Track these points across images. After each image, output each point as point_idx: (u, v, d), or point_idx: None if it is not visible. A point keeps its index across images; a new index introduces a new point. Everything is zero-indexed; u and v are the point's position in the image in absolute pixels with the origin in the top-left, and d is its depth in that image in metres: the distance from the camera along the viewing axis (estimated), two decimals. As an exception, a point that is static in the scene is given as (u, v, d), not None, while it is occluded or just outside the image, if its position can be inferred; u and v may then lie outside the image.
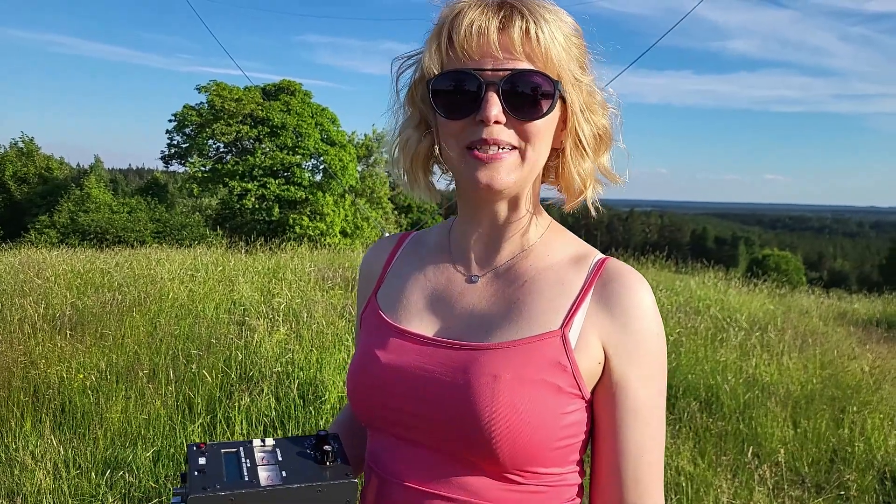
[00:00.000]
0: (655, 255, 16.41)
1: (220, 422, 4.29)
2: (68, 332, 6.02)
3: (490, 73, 0.93)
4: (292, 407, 4.55)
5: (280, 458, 0.94)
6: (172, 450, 4.05)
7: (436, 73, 0.97)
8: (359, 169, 40.67)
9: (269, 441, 0.98)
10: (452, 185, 1.11)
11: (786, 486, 4.37)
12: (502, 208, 1.04)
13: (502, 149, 0.95)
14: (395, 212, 45.80)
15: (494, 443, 0.92)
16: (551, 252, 1.07)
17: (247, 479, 0.87)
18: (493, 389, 0.93)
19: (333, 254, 16.23)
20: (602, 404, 1.00)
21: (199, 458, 0.92)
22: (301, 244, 17.43)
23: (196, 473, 0.88)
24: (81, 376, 4.94)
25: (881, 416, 5.53)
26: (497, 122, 0.94)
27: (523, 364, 0.95)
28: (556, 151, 1.04)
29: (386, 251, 1.21)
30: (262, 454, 0.95)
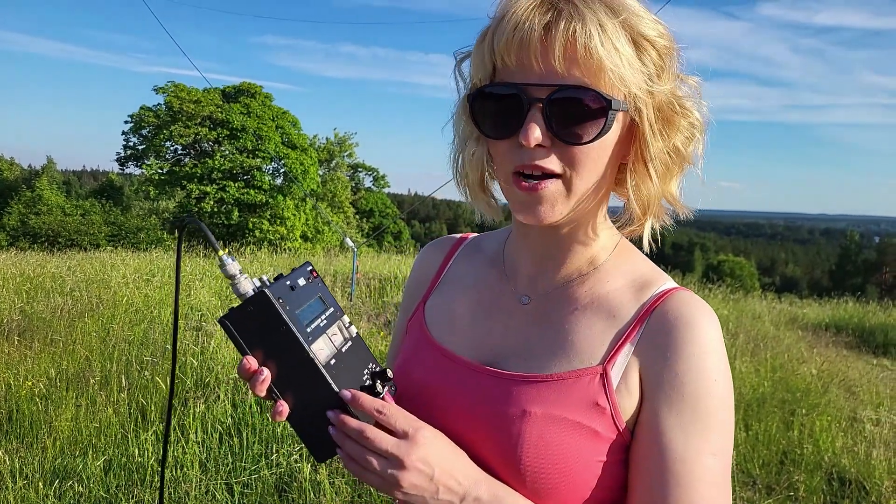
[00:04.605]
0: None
1: (175, 429, 4.21)
2: (16, 338, 5.85)
3: (534, 88, 0.80)
4: (249, 414, 4.49)
5: (343, 350, 0.90)
6: (124, 459, 3.96)
7: (479, 84, 0.86)
8: (320, 173, 40.44)
9: (353, 330, 0.95)
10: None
11: (737, 488, 4.46)
12: (556, 231, 0.93)
13: (544, 176, 0.83)
14: (357, 216, 45.62)
15: (517, 481, 0.85)
16: (613, 277, 0.94)
17: (308, 331, 0.85)
18: (521, 426, 0.85)
19: (294, 258, 16.08)
20: (633, 449, 0.86)
21: (300, 280, 0.90)
22: (261, 248, 17.24)
23: (287, 283, 0.86)
24: (30, 383, 4.81)
25: (829, 418, 5.68)
26: (540, 146, 0.81)
27: (555, 402, 0.86)
28: (625, 167, 0.89)
29: (441, 255, 1.12)
30: (337, 331, 0.92)
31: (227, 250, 0.86)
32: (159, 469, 3.85)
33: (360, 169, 48.46)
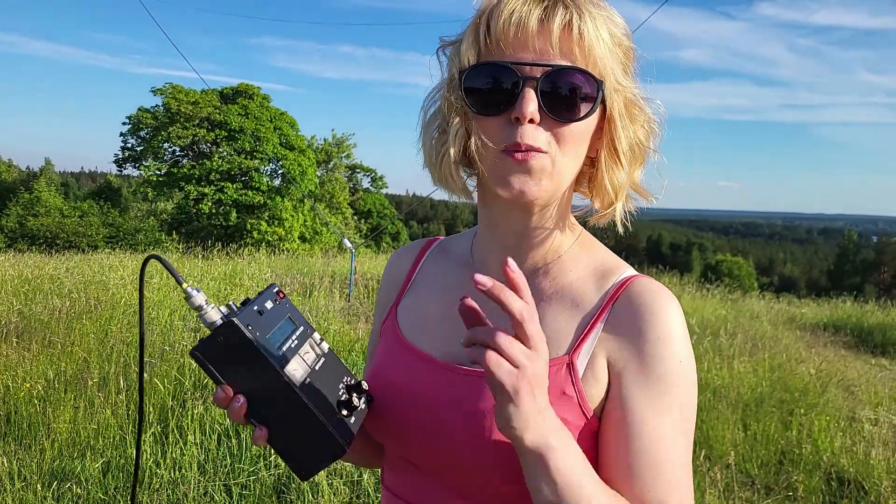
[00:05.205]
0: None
1: (173, 431, 4.21)
2: (14, 339, 5.84)
3: (528, 67, 0.85)
4: (247, 415, 4.49)
5: (316, 368, 0.90)
6: (122, 460, 3.96)
7: (471, 64, 0.89)
8: (318, 174, 40.43)
9: (325, 346, 0.95)
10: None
11: (736, 488, 4.47)
12: (527, 217, 0.95)
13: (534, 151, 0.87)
14: (355, 217, 45.63)
15: (496, 473, 0.87)
16: (575, 267, 0.98)
17: (279, 354, 0.85)
18: (492, 422, 0.87)
19: (292, 259, 16.09)
20: (602, 433, 0.88)
21: (268, 303, 0.90)
22: (259, 249, 17.25)
23: (255, 309, 0.86)
24: (28, 385, 4.80)
25: (827, 418, 5.69)
26: (532, 122, 0.85)
27: None
28: (591, 160, 0.95)
29: (410, 259, 1.15)
30: (309, 349, 0.92)
31: (191, 282, 0.86)
32: (157, 471, 3.85)
33: (357, 170, 48.48)
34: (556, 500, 0.77)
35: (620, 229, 0.97)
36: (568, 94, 0.85)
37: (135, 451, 3.85)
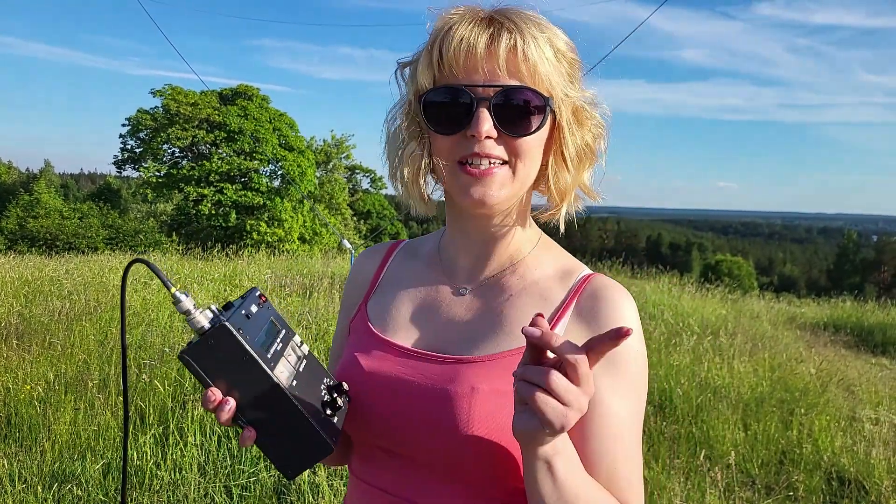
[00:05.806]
0: (612, 261, 16.65)
1: (173, 433, 4.21)
2: (15, 341, 5.84)
3: (481, 89, 0.93)
4: (248, 416, 4.48)
5: (300, 370, 0.93)
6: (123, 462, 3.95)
7: (427, 87, 0.97)
8: (317, 174, 40.39)
9: (305, 349, 0.99)
10: (443, 197, 1.11)
11: (737, 488, 4.47)
12: (490, 221, 1.04)
13: (493, 163, 0.95)
14: (354, 217, 45.60)
15: (471, 454, 0.91)
16: (539, 266, 1.07)
17: (269, 356, 0.87)
18: (471, 401, 0.92)
19: (291, 260, 16.08)
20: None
21: (253, 307, 0.93)
22: (258, 250, 17.25)
23: (243, 312, 0.89)
24: (28, 387, 4.80)
25: (828, 417, 5.69)
26: (489, 137, 0.94)
27: (500, 377, 0.94)
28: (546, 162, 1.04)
29: (377, 259, 1.20)
30: (292, 352, 0.95)
31: (179, 286, 0.87)
32: (158, 473, 3.84)
33: (357, 170, 48.43)
34: (555, 498, 0.83)
35: (562, 228, 1.07)
36: (519, 110, 0.94)
37: (134, 453, 3.86)
